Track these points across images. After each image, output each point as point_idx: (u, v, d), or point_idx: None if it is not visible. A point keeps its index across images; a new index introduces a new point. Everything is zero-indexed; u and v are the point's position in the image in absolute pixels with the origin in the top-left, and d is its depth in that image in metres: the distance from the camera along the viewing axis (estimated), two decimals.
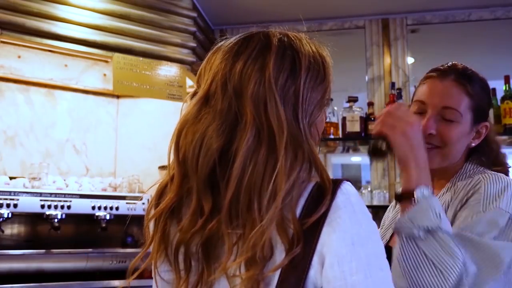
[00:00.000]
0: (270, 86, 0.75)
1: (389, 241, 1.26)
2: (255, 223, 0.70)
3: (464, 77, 1.15)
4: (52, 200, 2.30)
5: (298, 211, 0.73)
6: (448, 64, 1.20)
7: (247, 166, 0.72)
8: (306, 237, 0.70)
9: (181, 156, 0.78)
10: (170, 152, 0.80)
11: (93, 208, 2.42)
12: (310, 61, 0.80)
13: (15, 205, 2.20)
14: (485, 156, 1.20)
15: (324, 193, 0.72)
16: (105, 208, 2.45)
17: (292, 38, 0.82)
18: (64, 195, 2.36)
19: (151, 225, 0.83)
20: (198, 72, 0.86)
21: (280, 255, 0.71)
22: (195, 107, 0.79)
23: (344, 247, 0.70)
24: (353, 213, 0.72)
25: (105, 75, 2.92)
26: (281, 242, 0.71)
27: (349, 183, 0.75)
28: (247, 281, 0.70)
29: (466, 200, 1.08)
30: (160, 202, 0.80)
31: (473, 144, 1.17)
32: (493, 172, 1.13)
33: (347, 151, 3.69)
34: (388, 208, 1.41)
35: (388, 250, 1.12)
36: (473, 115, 1.14)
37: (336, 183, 0.74)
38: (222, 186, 0.74)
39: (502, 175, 1.11)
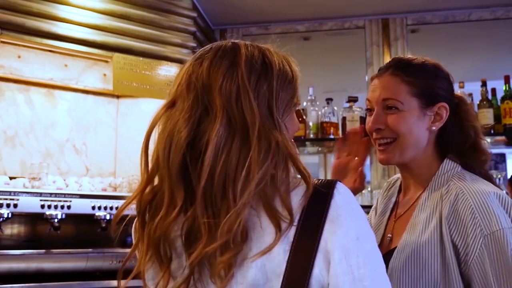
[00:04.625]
0: (243, 82, 0.77)
1: (385, 228, 1.26)
2: (229, 210, 0.72)
3: (399, 68, 1.17)
4: (52, 200, 2.30)
5: (298, 212, 0.74)
6: (389, 61, 1.23)
7: (219, 155, 0.74)
8: (308, 235, 0.72)
9: (153, 156, 0.81)
10: (142, 159, 0.83)
11: (93, 208, 2.42)
12: (279, 62, 0.83)
13: (15, 205, 2.20)
14: (460, 144, 1.18)
15: (320, 194, 0.74)
16: (105, 208, 2.45)
17: (259, 45, 0.85)
18: (64, 195, 2.36)
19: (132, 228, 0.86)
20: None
21: (270, 238, 0.72)
22: (162, 111, 0.83)
23: (350, 242, 0.72)
24: (352, 210, 0.75)
25: (105, 75, 2.92)
26: (271, 226, 0.72)
27: (341, 183, 0.78)
28: (222, 265, 0.71)
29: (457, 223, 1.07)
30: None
31: (434, 128, 1.17)
32: (468, 182, 1.11)
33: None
34: (378, 196, 1.41)
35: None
36: (419, 99, 1.15)
37: (331, 184, 0.76)
38: (194, 177, 0.75)
39: (480, 184, 1.10)
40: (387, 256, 1.13)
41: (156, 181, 0.82)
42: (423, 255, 1.07)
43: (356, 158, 1.36)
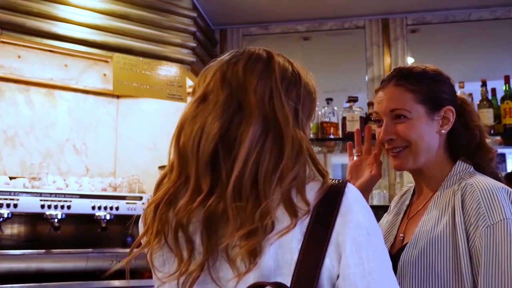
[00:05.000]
0: (276, 85, 0.84)
1: (398, 229, 1.27)
2: (259, 199, 0.76)
3: (401, 77, 1.21)
4: (52, 200, 2.30)
5: (312, 205, 0.78)
6: (391, 72, 1.26)
7: (253, 148, 0.79)
8: (320, 227, 0.76)
9: (181, 146, 0.83)
10: (171, 149, 0.84)
11: (93, 208, 2.42)
12: (304, 74, 0.91)
13: (15, 205, 2.20)
14: (468, 144, 1.22)
15: (332, 190, 0.79)
16: (105, 208, 2.45)
17: (285, 56, 0.92)
18: (64, 195, 2.36)
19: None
20: (193, 87, 0.92)
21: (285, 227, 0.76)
22: (194, 105, 0.86)
23: (361, 235, 0.76)
24: (362, 207, 0.80)
25: (105, 75, 2.92)
26: (287, 217, 0.76)
27: (351, 183, 0.83)
28: (245, 249, 0.74)
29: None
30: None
31: (443, 131, 1.20)
32: (479, 178, 1.14)
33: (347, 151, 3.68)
34: (392, 203, 1.42)
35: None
36: (426, 106, 1.18)
37: (342, 183, 0.81)
38: (226, 166, 0.79)
39: (489, 180, 1.12)
40: (398, 253, 1.16)
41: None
42: (435, 249, 1.09)
43: (368, 156, 1.38)
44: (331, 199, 0.78)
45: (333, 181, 0.82)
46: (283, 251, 0.76)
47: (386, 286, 0.75)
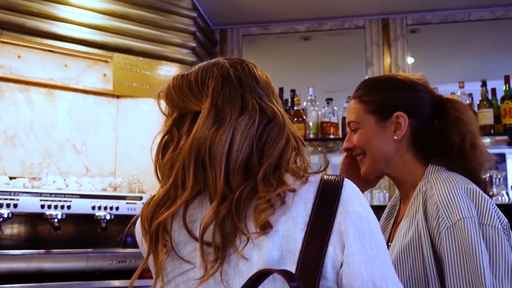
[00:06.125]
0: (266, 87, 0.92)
1: (389, 237, 1.27)
2: (280, 179, 0.81)
3: (360, 89, 1.29)
4: (52, 200, 2.30)
5: (313, 196, 0.81)
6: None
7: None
8: (322, 217, 0.78)
9: (202, 160, 0.83)
10: (190, 165, 0.83)
11: (93, 208, 2.42)
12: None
13: (15, 205, 2.20)
14: (445, 149, 1.18)
15: (331, 183, 0.82)
16: (105, 208, 2.45)
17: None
18: (64, 195, 2.36)
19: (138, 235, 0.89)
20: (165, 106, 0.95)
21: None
22: (210, 118, 0.85)
23: (362, 225, 0.78)
24: (361, 199, 0.83)
25: (105, 75, 2.92)
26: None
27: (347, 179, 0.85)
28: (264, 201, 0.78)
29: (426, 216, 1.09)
30: (155, 213, 0.84)
31: (396, 137, 1.20)
32: (440, 179, 1.12)
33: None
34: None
35: None
36: (374, 115, 1.23)
37: (340, 177, 0.84)
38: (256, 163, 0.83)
39: (451, 180, 1.11)
40: None
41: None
42: (405, 256, 1.09)
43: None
44: (331, 191, 0.81)
45: (331, 176, 0.84)
46: (286, 241, 0.77)
47: (388, 273, 0.77)
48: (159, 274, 0.83)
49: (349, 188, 0.82)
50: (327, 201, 0.80)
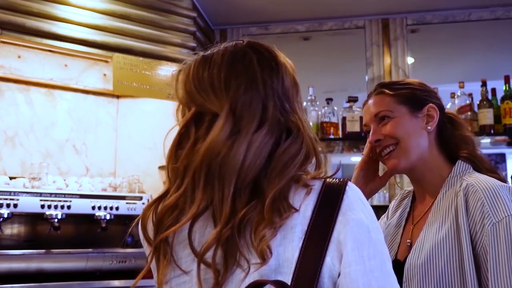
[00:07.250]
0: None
1: (402, 237, 1.27)
2: (288, 205, 0.78)
3: (382, 87, 1.27)
4: (52, 200, 2.30)
5: (313, 203, 0.78)
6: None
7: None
8: (321, 225, 0.76)
9: (213, 171, 0.79)
10: (200, 177, 0.80)
11: (93, 208, 2.42)
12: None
13: (15, 205, 2.20)
14: (457, 143, 1.24)
15: (333, 188, 0.79)
16: (105, 208, 2.45)
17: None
18: (64, 195, 2.36)
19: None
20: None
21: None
22: (226, 129, 0.81)
23: (362, 234, 0.76)
24: (363, 205, 0.79)
25: (105, 75, 2.92)
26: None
27: (350, 181, 0.82)
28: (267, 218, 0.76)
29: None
30: (167, 222, 0.82)
31: (429, 128, 1.22)
32: (479, 177, 1.15)
33: (347, 151, 3.69)
34: (389, 207, 1.42)
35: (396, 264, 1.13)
36: (407, 105, 1.22)
37: (343, 180, 0.81)
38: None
39: (490, 179, 1.14)
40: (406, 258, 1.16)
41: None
42: (439, 252, 1.09)
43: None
44: (332, 198, 0.78)
45: (334, 179, 0.81)
46: (284, 249, 0.76)
47: (387, 284, 0.75)
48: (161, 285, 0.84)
49: (352, 193, 0.79)
50: (327, 209, 0.77)
